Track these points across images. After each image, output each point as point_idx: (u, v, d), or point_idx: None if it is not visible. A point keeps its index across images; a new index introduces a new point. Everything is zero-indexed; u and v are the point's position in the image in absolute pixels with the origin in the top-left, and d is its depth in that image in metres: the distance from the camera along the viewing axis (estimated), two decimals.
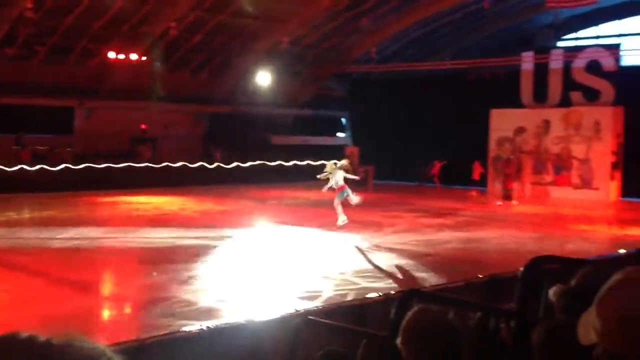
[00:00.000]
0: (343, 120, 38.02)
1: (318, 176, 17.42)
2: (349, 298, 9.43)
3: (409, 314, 3.39)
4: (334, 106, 35.60)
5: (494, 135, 28.04)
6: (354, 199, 16.42)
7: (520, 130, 27.32)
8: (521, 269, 4.77)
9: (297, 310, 6.87)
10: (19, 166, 25.25)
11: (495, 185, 25.58)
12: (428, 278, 10.93)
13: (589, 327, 1.44)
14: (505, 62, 28.43)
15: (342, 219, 16.17)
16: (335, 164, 16.82)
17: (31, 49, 26.44)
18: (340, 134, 37.76)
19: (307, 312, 6.55)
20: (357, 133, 34.53)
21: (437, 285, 7.81)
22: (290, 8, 28.10)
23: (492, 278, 8.10)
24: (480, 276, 8.38)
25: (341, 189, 16.18)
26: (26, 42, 25.91)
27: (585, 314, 1.49)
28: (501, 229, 17.57)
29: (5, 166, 25.00)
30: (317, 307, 7.98)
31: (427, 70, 30.74)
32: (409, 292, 6.10)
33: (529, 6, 30.16)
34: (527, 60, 27.34)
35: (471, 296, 6.91)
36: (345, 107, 35.63)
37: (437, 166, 28.09)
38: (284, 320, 6.39)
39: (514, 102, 27.08)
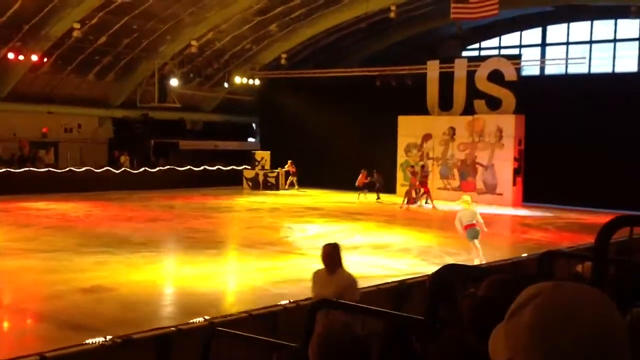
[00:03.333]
0: (253, 125, 37.89)
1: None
2: (260, 305, 9.33)
3: (318, 325, 3.37)
4: (244, 111, 35.43)
5: (402, 142, 28.61)
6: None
7: (427, 137, 28.01)
8: (429, 274, 4.83)
9: (204, 320, 6.71)
10: None
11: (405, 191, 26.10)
12: None
13: (499, 344, 1.42)
14: (412, 70, 29.07)
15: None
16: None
17: None
18: (250, 139, 37.60)
19: (215, 322, 6.41)
20: (267, 138, 34.51)
21: None
22: (200, 12, 27.77)
23: (401, 283, 8.20)
24: (390, 282, 8.47)
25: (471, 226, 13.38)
26: None
27: (495, 331, 1.48)
28: (410, 232, 17.93)
29: None
30: (225, 316, 7.83)
31: (336, 77, 31.06)
32: (318, 301, 6.10)
33: (434, 16, 30.94)
34: (433, 69, 28.06)
35: (380, 302, 6.96)
36: (255, 112, 35.53)
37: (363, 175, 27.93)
38: (191, 331, 6.23)
39: (421, 109, 27.72)
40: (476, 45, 35.56)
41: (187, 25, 28.64)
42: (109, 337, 5.79)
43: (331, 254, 6.53)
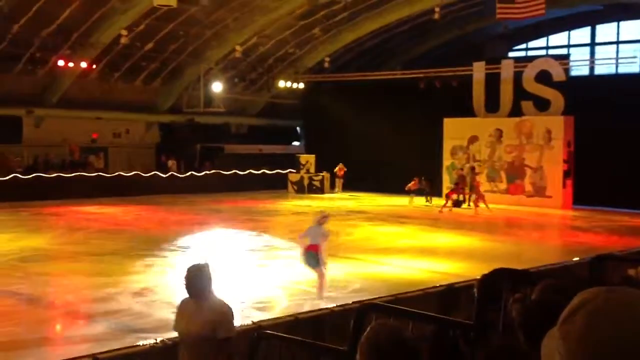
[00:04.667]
0: (297, 129, 38.04)
1: None
2: (305, 309, 9.36)
3: (367, 329, 3.35)
4: (288, 115, 35.60)
5: (447, 144, 28.37)
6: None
7: (474, 139, 27.71)
8: (478, 278, 4.78)
9: (252, 323, 6.76)
10: None
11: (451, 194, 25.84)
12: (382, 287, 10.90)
13: (551, 350, 1.41)
14: (457, 71, 28.82)
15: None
16: None
17: None
18: (295, 143, 37.76)
19: (262, 325, 6.45)
20: (311, 142, 34.60)
21: (395, 294, 7.79)
22: (244, 17, 28.03)
23: (449, 287, 8.12)
24: (437, 286, 8.41)
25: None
26: None
27: (548, 336, 1.46)
28: (454, 236, 17.76)
29: None
30: (272, 319, 7.88)
31: (380, 80, 30.98)
32: (365, 306, 6.08)
33: (479, 17, 30.65)
34: (479, 70, 27.76)
35: (428, 306, 6.91)
36: (299, 115, 35.67)
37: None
38: (240, 334, 6.28)
39: (466, 111, 27.45)
40: (523, 46, 35.09)
41: (231, 30, 28.93)
42: (159, 339, 5.87)
43: (197, 277, 5.13)
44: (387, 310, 6.04)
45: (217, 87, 31.61)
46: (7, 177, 25.60)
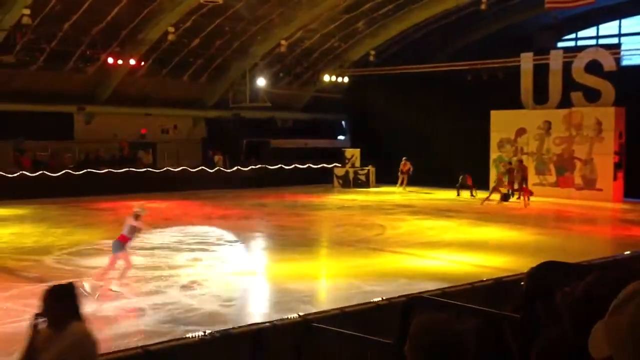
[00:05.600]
0: (343, 123, 38.03)
1: None
2: (352, 302, 9.37)
3: (414, 321, 3.36)
4: (333, 109, 35.61)
5: (494, 137, 28.02)
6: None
7: (521, 132, 27.30)
8: (526, 272, 4.73)
9: (299, 316, 6.80)
10: (20, 172, 25.23)
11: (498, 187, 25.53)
12: (430, 282, 10.86)
13: (601, 340, 1.40)
14: (504, 63, 28.40)
15: None
16: None
17: (30, 56, 26.42)
18: (340, 137, 37.76)
19: (309, 318, 6.49)
20: (356, 135, 34.54)
21: (442, 288, 7.74)
22: (289, 12, 28.13)
23: (497, 281, 8.04)
24: (485, 279, 8.33)
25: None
26: (24, 49, 25.89)
27: (597, 327, 1.45)
28: (502, 230, 17.57)
29: (5, 172, 24.99)
30: (318, 312, 7.91)
31: (426, 72, 30.73)
32: (412, 299, 6.07)
33: (527, 6, 30.14)
34: (527, 61, 27.31)
35: (476, 300, 6.86)
36: (344, 109, 35.64)
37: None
38: (287, 327, 6.34)
39: (514, 103, 27.05)
40: (572, 36, 34.38)
41: (276, 25, 29.07)
42: (208, 332, 5.96)
43: (57, 300, 4.25)
44: (434, 303, 6.02)
45: (262, 82, 31.82)
46: (59, 173, 26.24)
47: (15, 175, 25.16)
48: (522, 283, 6.11)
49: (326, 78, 33.17)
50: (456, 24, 31.52)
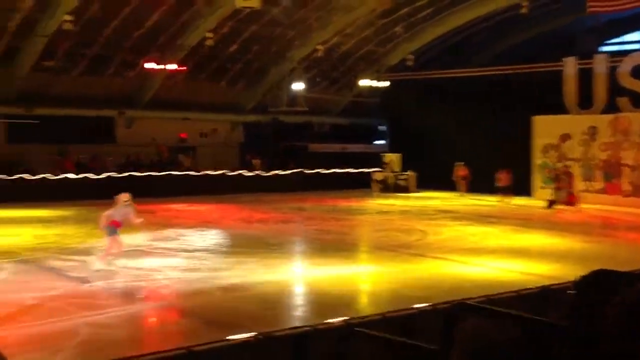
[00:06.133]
0: (381, 127, 37.94)
1: None
2: (393, 308, 9.31)
3: (459, 328, 3.31)
4: (371, 113, 35.53)
5: (537, 143, 27.60)
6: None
7: (566, 137, 26.84)
8: (574, 280, 4.64)
9: (341, 320, 6.78)
10: (63, 175, 25.70)
11: (545, 193, 25.13)
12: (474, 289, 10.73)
13: None
14: (546, 67, 28.00)
15: None
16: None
17: (71, 61, 26.92)
18: (378, 141, 37.67)
19: (351, 323, 6.47)
20: (395, 140, 34.40)
21: (487, 295, 7.63)
22: (326, 16, 28.17)
23: (542, 289, 7.91)
24: (531, 287, 8.20)
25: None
26: (66, 55, 26.39)
27: None
28: (546, 237, 17.31)
29: (49, 175, 25.50)
30: (360, 317, 7.88)
31: (465, 77, 30.47)
32: (457, 305, 6.01)
33: (569, 10, 29.71)
34: (570, 66, 26.88)
35: (521, 307, 6.75)
36: (382, 114, 35.54)
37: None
38: (329, 331, 6.32)
39: (557, 108, 26.63)
40: (617, 40, 33.75)
41: (314, 29, 29.14)
42: (250, 334, 5.98)
43: None
44: (479, 310, 5.94)
45: (299, 86, 31.92)
46: (101, 176, 26.67)
47: (58, 178, 25.64)
48: (569, 291, 5.97)
49: (363, 82, 33.12)
50: (496, 27, 31.24)
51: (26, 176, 25.23)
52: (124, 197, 13.56)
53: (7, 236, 16.58)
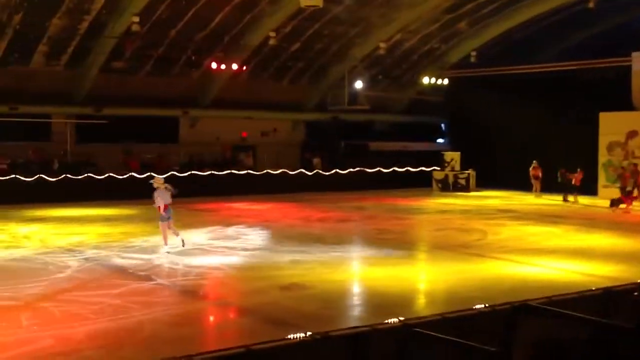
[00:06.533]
0: (442, 125, 37.51)
1: None
2: (452, 309, 9.18)
3: (521, 329, 3.24)
4: (433, 111, 35.15)
5: (603, 140, 26.83)
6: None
7: (632, 134, 26.00)
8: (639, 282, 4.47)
9: (399, 320, 6.73)
10: (128, 174, 26.32)
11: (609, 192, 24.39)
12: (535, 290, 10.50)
13: None
14: (614, 62, 27.17)
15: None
16: None
17: (138, 62, 27.55)
18: (439, 140, 37.26)
19: (410, 323, 6.40)
20: (456, 138, 33.95)
21: (549, 296, 7.45)
22: (389, 13, 27.99)
23: (606, 291, 7.67)
24: (594, 289, 7.97)
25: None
26: (134, 55, 27.02)
27: None
28: (611, 237, 16.80)
29: (115, 174, 26.16)
30: (419, 317, 7.80)
31: (530, 73, 29.81)
32: (519, 306, 5.88)
33: (638, 4, 28.72)
34: (639, 61, 26.01)
35: (584, 309, 6.57)
36: (444, 112, 35.11)
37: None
38: (387, 331, 6.28)
39: (624, 105, 25.82)
40: None
41: (376, 27, 29.00)
42: (308, 333, 5.99)
43: None
44: (542, 312, 5.81)
45: (360, 84, 31.85)
46: (165, 175, 27.14)
47: (124, 176, 26.28)
48: (635, 293, 5.79)
49: (425, 80, 32.81)
50: (562, 22, 30.45)
51: (93, 175, 25.94)
52: (161, 180, 15.00)
53: (74, 234, 17.09)
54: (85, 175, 25.77)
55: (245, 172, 29.23)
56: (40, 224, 19.07)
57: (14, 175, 24.84)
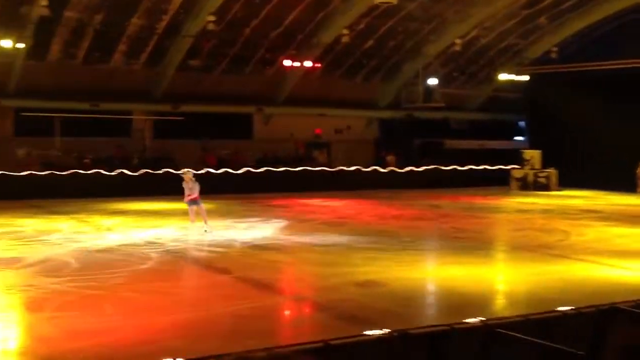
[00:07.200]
0: (520, 123, 36.64)
1: None
2: (533, 310, 8.90)
3: (613, 334, 3.06)
4: (511, 109, 34.36)
5: None
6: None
7: None
8: None
9: (480, 321, 6.56)
10: (205, 170, 26.80)
11: None
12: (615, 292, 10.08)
13: None
14: None
15: None
16: None
17: (214, 60, 28.02)
18: (518, 138, 36.41)
19: (491, 324, 6.23)
20: (536, 136, 33.06)
21: (637, 300, 7.10)
22: (464, 9, 27.51)
23: None
24: None
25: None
26: (210, 54, 27.49)
27: None
28: None
29: (193, 169, 26.61)
30: (499, 318, 7.59)
31: (614, 69, 28.71)
32: (608, 310, 5.61)
33: None
34: None
35: None
36: (522, 109, 34.26)
37: None
38: (467, 331, 6.12)
39: None
40: None
41: (451, 23, 28.58)
42: (386, 330, 5.90)
43: None
44: (632, 315, 5.54)
45: (435, 81, 31.43)
46: (241, 171, 27.57)
47: (201, 172, 26.72)
48: None
49: (503, 77, 32.09)
50: None
51: (171, 170, 26.51)
52: (191, 174, 17.05)
53: (154, 227, 17.50)
54: (164, 170, 26.37)
55: (319, 168, 29.33)
56: (121, 217, 19.64)
57: (96, 170, 25.69)
